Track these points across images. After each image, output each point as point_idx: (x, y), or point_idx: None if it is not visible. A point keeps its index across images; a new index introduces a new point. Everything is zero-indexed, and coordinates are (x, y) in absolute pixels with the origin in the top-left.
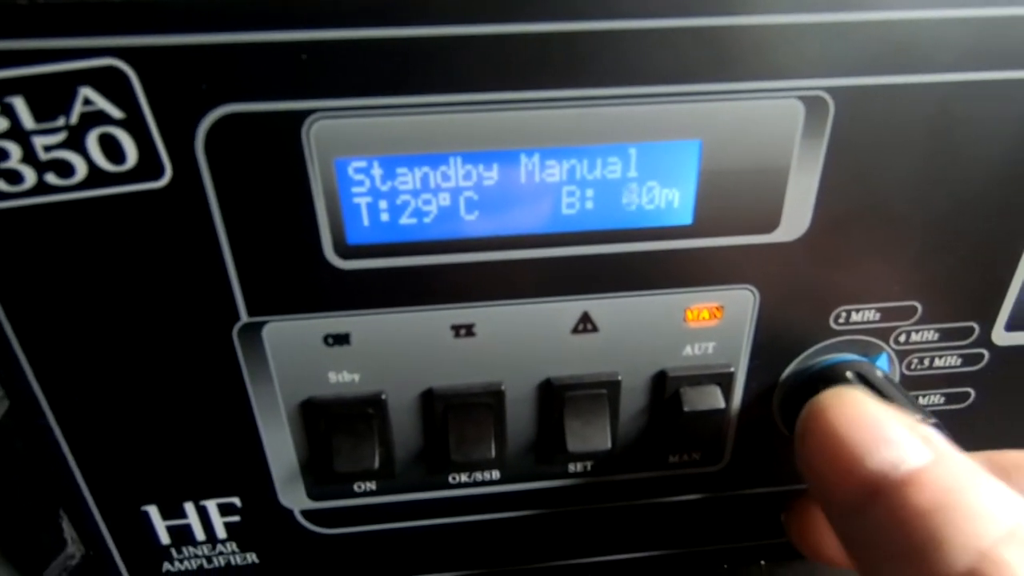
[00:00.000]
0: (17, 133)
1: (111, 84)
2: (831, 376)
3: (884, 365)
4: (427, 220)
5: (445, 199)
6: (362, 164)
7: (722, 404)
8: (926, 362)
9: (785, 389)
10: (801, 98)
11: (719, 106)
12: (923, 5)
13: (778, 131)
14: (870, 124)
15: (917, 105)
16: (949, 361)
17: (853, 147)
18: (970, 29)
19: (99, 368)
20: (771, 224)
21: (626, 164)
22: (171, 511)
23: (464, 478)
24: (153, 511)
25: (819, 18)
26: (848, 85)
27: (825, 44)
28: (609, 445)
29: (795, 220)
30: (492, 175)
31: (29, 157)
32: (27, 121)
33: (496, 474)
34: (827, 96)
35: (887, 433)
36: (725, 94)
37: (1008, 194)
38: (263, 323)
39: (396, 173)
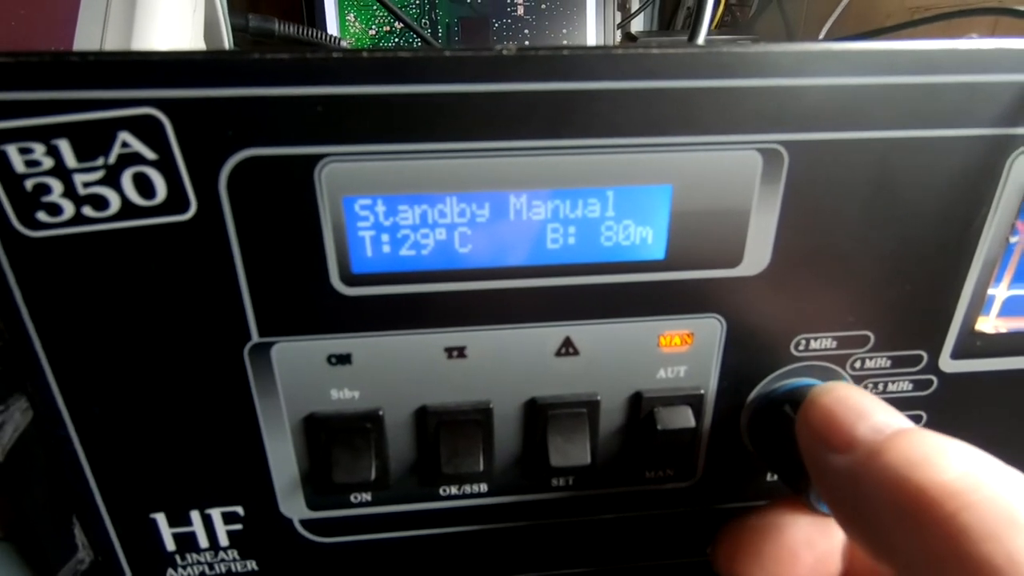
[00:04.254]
0: (60, 171)
1: (147, 130)
2: (793, 398)
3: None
4: (425, 252)
5: (441, 234)
6: (367, 202)
7: (693, 423)
8: (880, 387)
9: (751, 410)
10: (759, 150)
11: (687, 155)
12: (865, 73)
13: (740, 178)
14: (820, 173)
15: (860, 157)
16: (901, 386)
17: (806, 193)
18: (905, 94)
19: (118, 383)
20: (735, 260)
21: (604, 205)
22: (178, 519)
23: (454, 490)
24: (161, 519)
25: (775, 82)
26: (801, 139)
27: (780, 104)
28: (589, 460)
29: (757, 256)
30: (484, 213)
31: (69, 192)
32: (70, 160)
33: (484, 487)
34: (782, 148)
35: (880, 405)
36: (693, 145)
37: (945, 235)
38: (272, 343)
39: (398, 210)
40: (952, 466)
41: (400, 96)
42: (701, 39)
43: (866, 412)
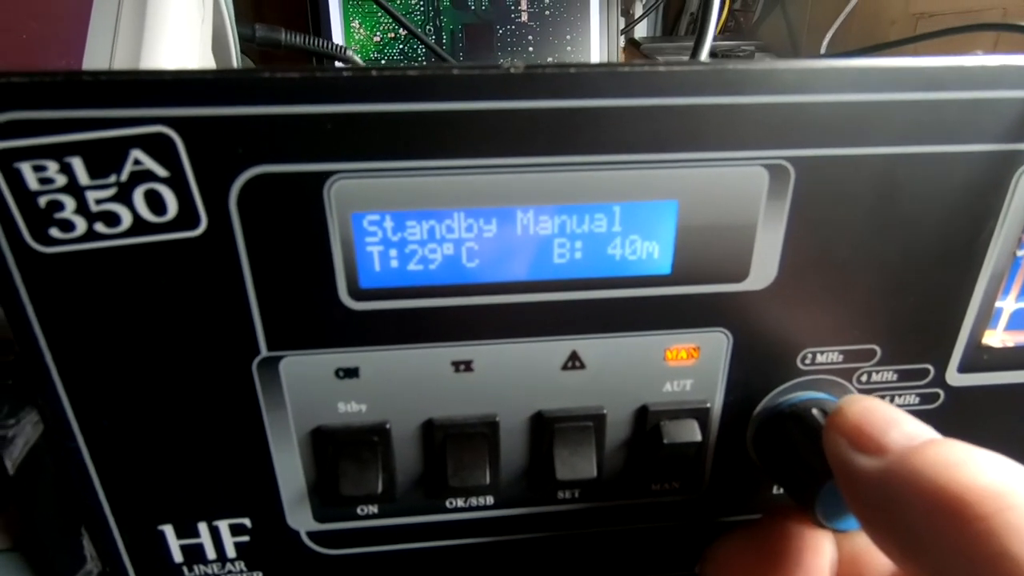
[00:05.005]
0: (73, 188)
1: (159, 148)
2: (799, 412)
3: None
4: (432, 267)
5: (449, 249)
6: (376, 218)
7: (699, 437)
8: (887, 400)
9: (757, 423)
10: (765, 166)
11: (693, 171)
12: (868, 89)
13: (746, 193)
14: (826, 188)
15: (865, 173)
16: (908, 400)
17: (812, 208)
18: (910, 110)
19: (128, 396)
20: (741, 274)
21: (611, 220)
22: (185, 531)
23: (460, 503)
24: (169, 530)
25: (780, 99)
26: (806, 155)
27: (786, 120)
28: (595, 473)
29: (763, 271)
30: (491, 228)
31: (81, 209)
32: (83, 178)
33: (490, 499)
34: (788, 164)
35: (909, 417)
36: (699, 161)
37: (949, 249)
38: (280, 357)
39: (406, 225)
40: (987, 471)
41: (408, 114)
42: (704, 54)
43: (897, 421)
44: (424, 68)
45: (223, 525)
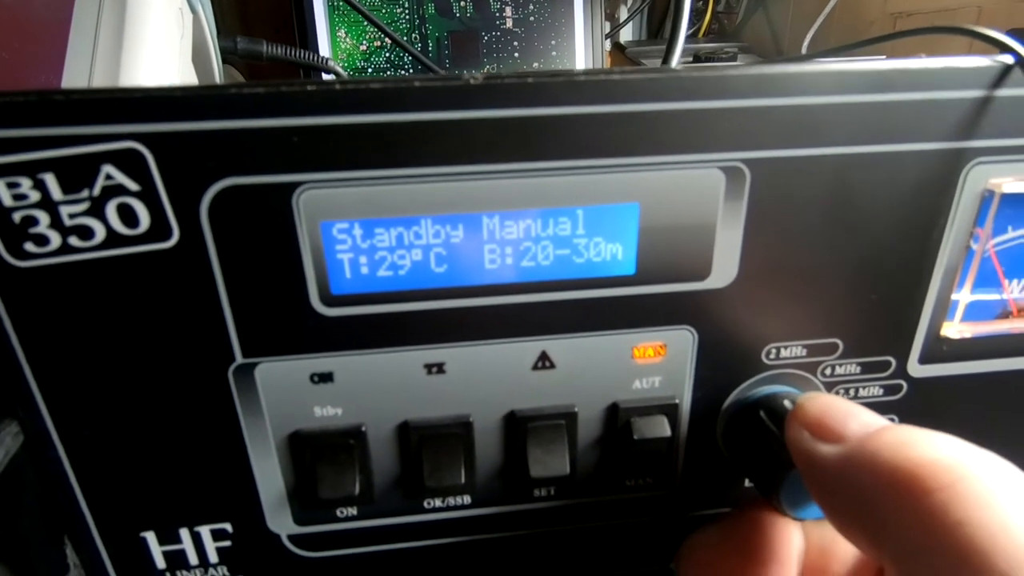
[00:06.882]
0: (47, 203)
1: (130, 163)
2: (766, 405)
3: None
4: (402, 273)
5: (417, 254)
6: (345, 226)
7: (668, 432)
8: (851, 392)
9: (726, 418)
10: (722, 168)
11: (653, 175)
12: (819, 92)
13: (704, 195)
14: (781, 189)
15: (819, 173)
16: (872, 391)
17: (768, 207)
18: (861, 111)
19: (107, 405)
20: (703, 273)
21: (575, 223)
22: (167, 537)
23: (438, 503)
24: (151, 537)
25: (735, 103)
26: (761, 157)
27: (741, 124)
28: (568, 471)
29: (724, 269)
30: (458, 234)
31: (55, 223)
32: (56, 193)
33: (467, 499)
34: (744, 166)
35: (866, 410)
36: (658, 165)
37: (904, 244)
38: (255, 364)
39: (374, 233)
40: (938, 447)
41: (372, 125)
42: (675, 62)
43: (855, 413)
44: (387, 80)
45: (205, 531)
